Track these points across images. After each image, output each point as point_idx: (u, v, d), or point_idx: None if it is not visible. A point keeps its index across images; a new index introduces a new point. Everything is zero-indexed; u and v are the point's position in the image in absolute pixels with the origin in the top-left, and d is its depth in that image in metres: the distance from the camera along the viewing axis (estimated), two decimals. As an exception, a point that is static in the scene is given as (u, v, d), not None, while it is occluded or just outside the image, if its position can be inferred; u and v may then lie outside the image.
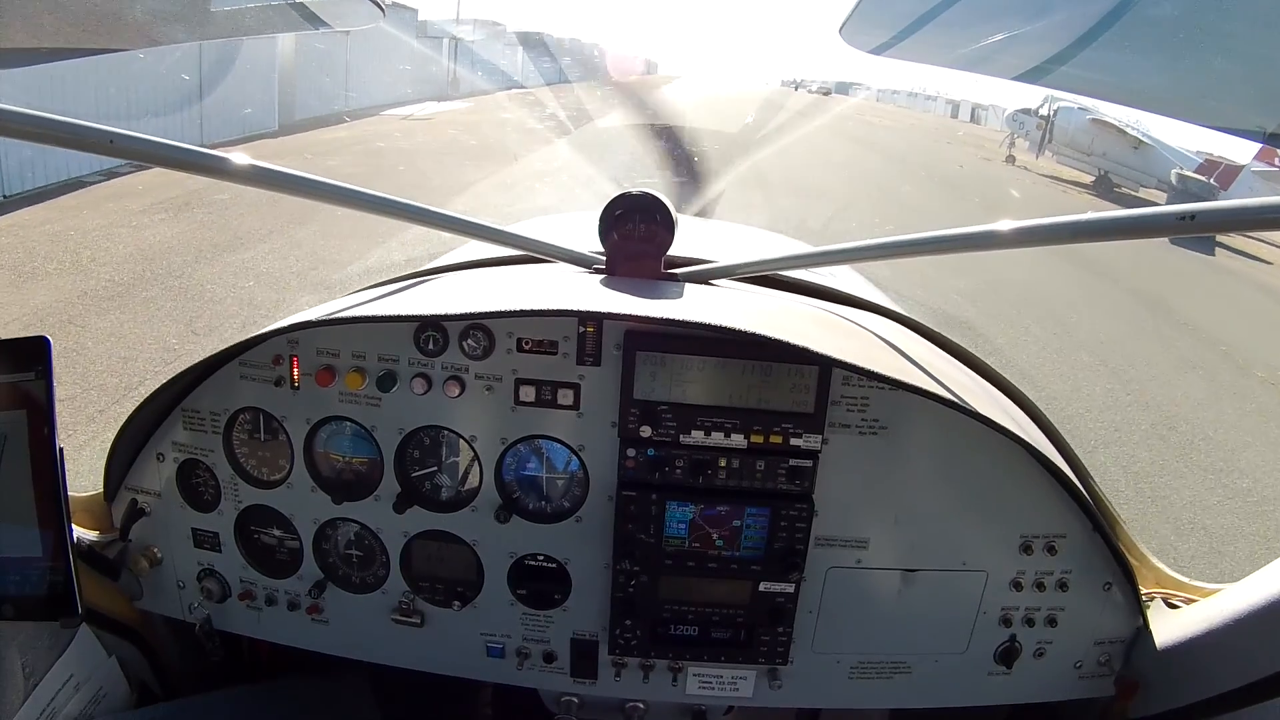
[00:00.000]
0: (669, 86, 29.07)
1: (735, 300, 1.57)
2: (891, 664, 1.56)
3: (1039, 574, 1.50)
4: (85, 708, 1.54)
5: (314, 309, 1.55)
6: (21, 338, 1.20)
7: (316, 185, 1.45)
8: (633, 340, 1.40)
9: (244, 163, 1.35)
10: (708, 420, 1.43)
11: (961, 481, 1.46)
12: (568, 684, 1.60)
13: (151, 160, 1.29)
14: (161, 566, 1.62)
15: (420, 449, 1.52)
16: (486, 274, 1.75)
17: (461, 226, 1.63)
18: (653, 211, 1.60)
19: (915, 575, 1.50)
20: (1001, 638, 1.54)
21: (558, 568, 1.54)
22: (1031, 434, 1.49)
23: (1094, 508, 1.45)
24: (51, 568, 1.22)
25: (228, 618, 1.64)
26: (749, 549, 1.47)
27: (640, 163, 9.35)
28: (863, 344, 1.48)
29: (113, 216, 9.63)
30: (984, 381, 1.65)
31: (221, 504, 1.57)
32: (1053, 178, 22.98)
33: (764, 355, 1.39)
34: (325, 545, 1.59)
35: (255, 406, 1.51)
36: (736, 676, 1.57)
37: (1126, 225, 1.17)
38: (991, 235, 1.31)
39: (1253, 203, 1.03)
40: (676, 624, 1.53)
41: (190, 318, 6.79)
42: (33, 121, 1.17)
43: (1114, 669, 1.56)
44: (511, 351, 1.45)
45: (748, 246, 2.45)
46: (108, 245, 8.56)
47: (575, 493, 1.52)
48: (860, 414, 1.44)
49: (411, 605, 1.57)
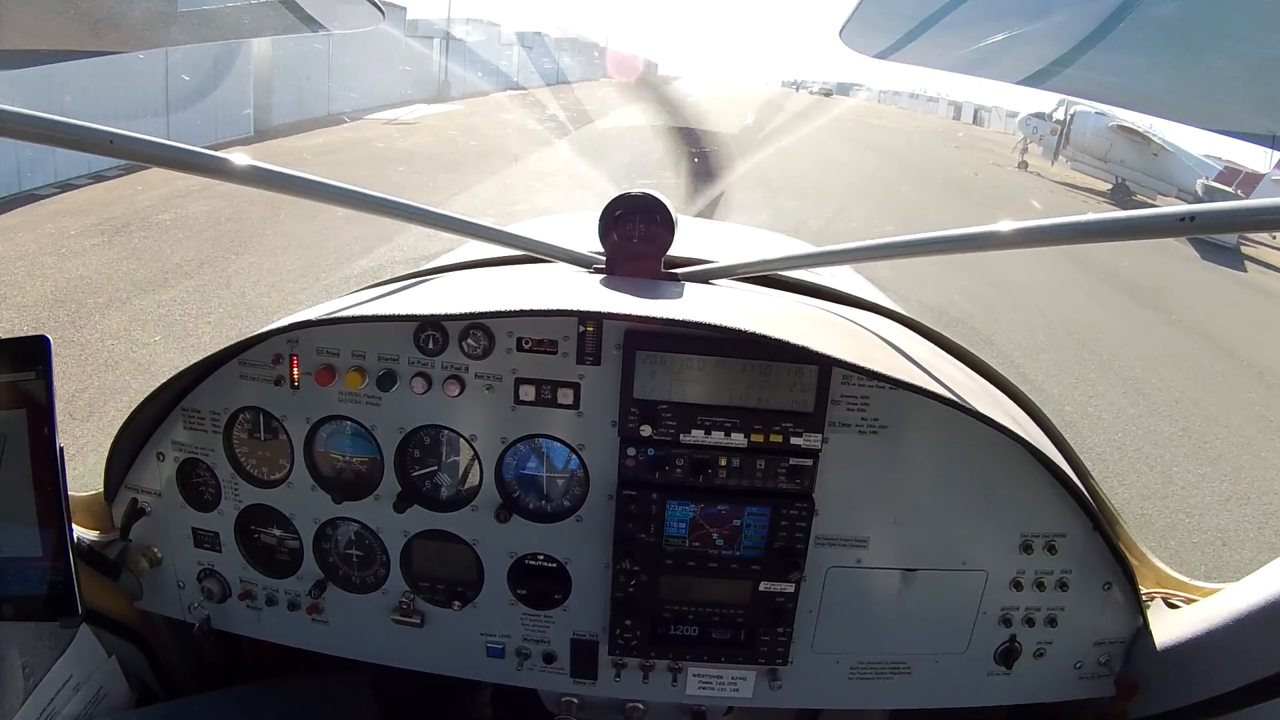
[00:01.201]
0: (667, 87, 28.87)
1: (735, 300, 1.57)
2: (891, 664, 1.56)
3: (1039, 573, 1.50)
4: (85, 708, 1.54)
5: (314, 308, 1.55)
6: (21, 337, 1.20)
7: (316, 186, 1.45)
8: (633, 340, 1.40)
9: (244, 163, 1.35)
10: (708, 419, 1.43)
11: (961, 480, 1.46)
12: (567, 684, 1.60)
13: (151, 160, 1.29)
14: (161, 566, 1.62)
15: (420, 448, 1.52)
16: (486, 274, 1.75)
17: (461, 227, 1.63)
18: (652, 212, 1.60)
19: (915, 575, 1.50)
20: (1001, 638, 1.54)
21: (558, 567, 1.54)
22: (1031, 433, 1.49)
23: (1094, 507, 1.45)
24: (51, 568, 1.22)
25: (228, 618, 1.64)
26: (749, 548, 1.47)
27: (639, 163, 9.27)
28: (863, 343, 1.48)
29: (45, 241, 8.89)
30: (984, 381, 1.65)
31: (222, 503, 1.57)
32: (1067, 185, 22.37)
33: (764, 355, 1.39)
34: (325, 545, 1.59)
35: (255, 406, 1.51)
36: (736, 677, 1.57)
37: (1128, 226, 1.17)
38: (992, 236, 1.31)
39: (1251, 204, 1.04)
40: (676, 624, 1.53)
41: (72, 393, 5.41)
42: (33, 122, 1.17)
43: (1114, 669, 1.56)
44: (511, 351, 1.45)
45: (747, 247, 2.45)
46: (25, 281, 7.64)
47: (575, 492, 1.52)
48: (860, 413, 1.44)
49: (411, 605, 1.57)
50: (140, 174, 11.96)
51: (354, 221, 9.78)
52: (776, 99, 36.69)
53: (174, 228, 9.72)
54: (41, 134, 1.18)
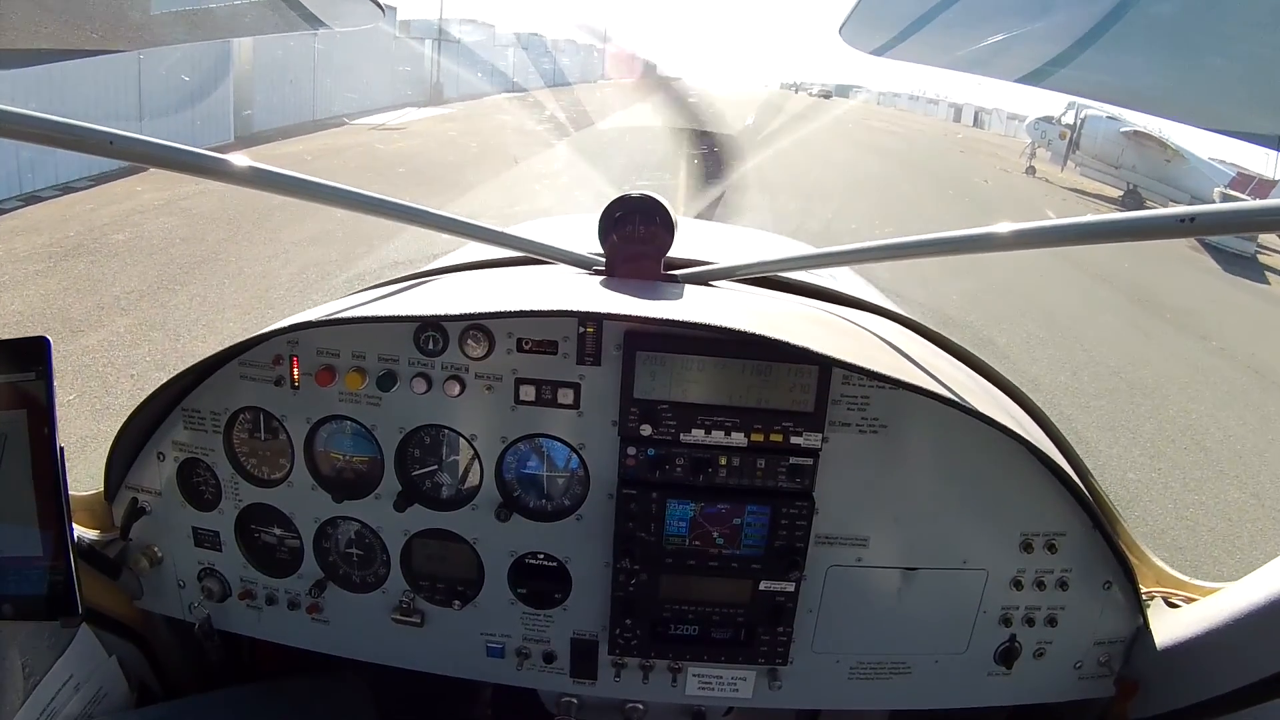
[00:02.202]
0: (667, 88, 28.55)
1: (735, 301, 1.57)
2: (891, 664, 1.56)
3: (1039, 573, 1.50)
4: (85, 708, 1.54)
5: (314, 309, 1.55)
6: (21, 338, 1.20)
7: (316, 187, 1.45)
8: (633, 340, 1.40)
9: (244, 164, 1.36)
10: (708, 419, 1.43)
11: (961, 480, 1.46)
12: (567, 684, 1.60)
13: (151, 161, 1.30)
14: (162, 566, 1.62)
15: (421, 448, 1.52)
16: (486, 275, 1.75)
17: (461, 228, 1.64)
18: (652, 213, 1.60)
19: (915, 574, 1.50)
20: (1001, 638, 1.54)
21: (558, 567, 1.54)
22: (1031, 432, 1.49)
23: (1094, 506, 1.46)
24: (52, 567, 1.22)
25: (228, 617, 1.64)
26: (749, 547, 1.47)
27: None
28: (862, 344, 1.48)
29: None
30: (984, 381, 1.65)
31: (222, 503, 1.57)
32: (1076, 191, 21.90)
33: (764, 355, 1.39)
34: (325, 544, 1.59)
35: (255, 406, 1.52)
36: (736, 677, 1.57)
37: (1127, 228, 1.17)
38: (991, 237, 1.31)
39: (1249, 205, 1.04)
40: (676, 624, 1.53)
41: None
42: (33, 122, 1.17)
43: (1114, 669, 1.56)
44: (511, 351, 1.45)
45: (747, 248, 2.46)
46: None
47: (575, 491, 1.52)
48: (860, 413, 1.44)
49: (412, 605, 1.57)
50: (105, 186, 11.41)
51: (317, 243, 9.23)
52: (775, 100, 36.58)
53: (126, 250, 8.95)
54: (41, 134, 1.18)
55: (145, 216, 10.33)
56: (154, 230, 9.90)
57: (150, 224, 10.13)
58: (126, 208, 10.69)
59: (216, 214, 10.54)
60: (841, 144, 24.86)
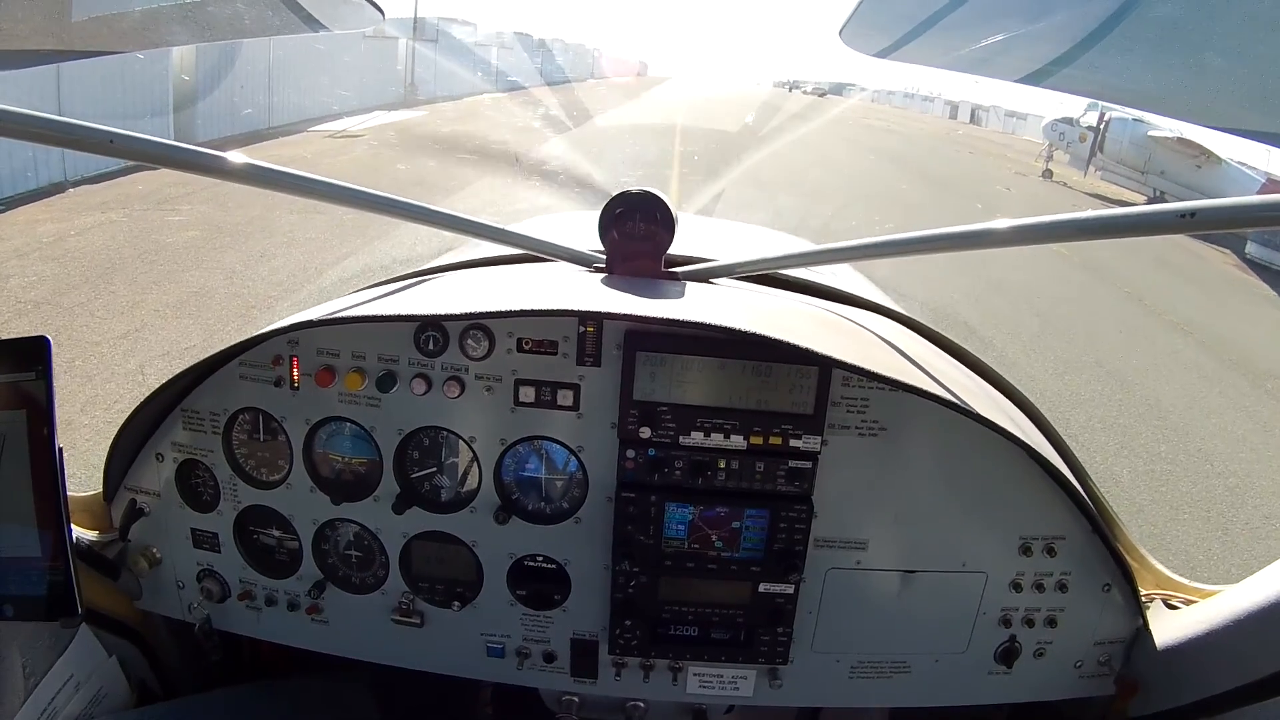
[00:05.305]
0: (660, 88, 27.68)
1: (735, 299, 1.57)
2: (892, 664, 1.56)
3: (1038, 575, 1.50)
4: (85, 708, 1.53)
5: (314, 309, 1.54)
6: (21, 338, 1.20)
7: (316, 185, 1.45)
8: (633, 340, 1.40)
9: (244, 162, 1.35)
10: (707, 421, 1.43)
11: (961, 483, 1.46)
12: (568, 683, 1.60)
13: (151, 160, 1.29)
14: (161, 566, 1.62)
15: (420, 450, 1.52)
16: (486, 273, 1.75)
17: (462, 225, 1.63)
18: (652, 210, 1.60)
19: (915, 576, 1.51)
20: (1001, 638, 1.55)
21: (557, 568, 1.54)
22: (1031, 435, 1.49)
23: (1093, 509, 1.46)
24: (51, 568, 1.22)
25: (227, 618, 1.64)
26: (748, 550, 1.47)
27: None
28: (863, 344, 1.48)
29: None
30: (984, 382, 1.65)
31: (221, 504, 1.57)
32: (1097, 196, 20.38)
33: (764, 355, 1.39)
34: (324, 546, 1.58)
35: (255, 407, 1.51)
36: (737, 676, 1.58)
37: (1127, 223, 1.17)
38: (990, 233, 1.31)
39: (1250, 200, 1.04)
40: (676, 624, 1.53)
41: None
42: (33, 122, 1.17)
43: (1114, 669, 1.56)
44: (511, 351, 1.45)
45: (748, 245, 2.45)
46: None
47: (574, 493, 1.52)
48: (860, 415, 1.44)
49: (411, 605, 1.57)
50: (59, 197, 10.03)
51: (265, 258, 7.71)
52: (771, 100, 36.32)
53: (50, 278, 7.53)
54: (41, 134, 1.18)
55: (87, 234, 8.81)
56: (91, 247, 8.40)
57: (92, 239, 8.62)
58: (62, 227, 8.98)
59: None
60: (839, 144, 23.93)
